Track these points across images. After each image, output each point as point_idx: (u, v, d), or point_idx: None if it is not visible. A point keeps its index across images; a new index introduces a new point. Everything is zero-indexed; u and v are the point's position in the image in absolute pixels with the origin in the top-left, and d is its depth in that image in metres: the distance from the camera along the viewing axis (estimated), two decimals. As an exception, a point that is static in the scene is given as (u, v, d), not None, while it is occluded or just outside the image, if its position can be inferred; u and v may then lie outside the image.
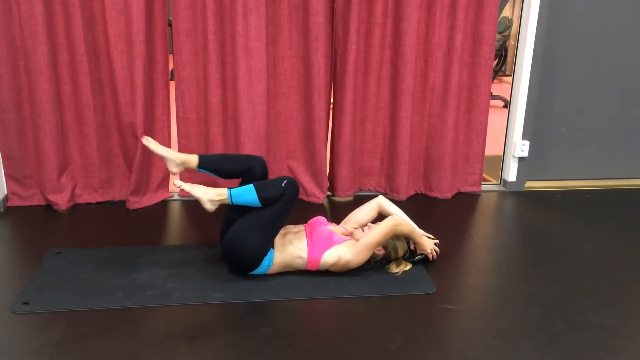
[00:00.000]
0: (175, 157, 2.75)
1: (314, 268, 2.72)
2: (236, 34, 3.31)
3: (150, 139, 2.80)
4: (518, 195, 3.95)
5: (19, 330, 2.28)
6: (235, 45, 3.34)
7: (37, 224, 3.27)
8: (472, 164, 3.89)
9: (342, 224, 3.01)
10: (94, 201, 3.58)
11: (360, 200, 3.27)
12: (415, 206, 3.69)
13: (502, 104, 6.64)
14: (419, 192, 3.93)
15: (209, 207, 2.63)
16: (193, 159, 2.76)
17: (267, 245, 2.63)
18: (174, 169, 2.77)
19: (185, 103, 3.51)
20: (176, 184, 2.66)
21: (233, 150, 3.57)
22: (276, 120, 3.64)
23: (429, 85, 3.67)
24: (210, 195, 2.62)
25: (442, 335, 2.32)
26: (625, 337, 2.34)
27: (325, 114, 3.62)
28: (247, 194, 2.59)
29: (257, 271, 2.68)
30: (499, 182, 4.13)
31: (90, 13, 3.26)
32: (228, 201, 2.61)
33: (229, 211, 2.76)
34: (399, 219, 2.77)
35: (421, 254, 2.88)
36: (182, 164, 2.76)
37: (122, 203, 3.58)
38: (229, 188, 2.63)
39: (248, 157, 2.83)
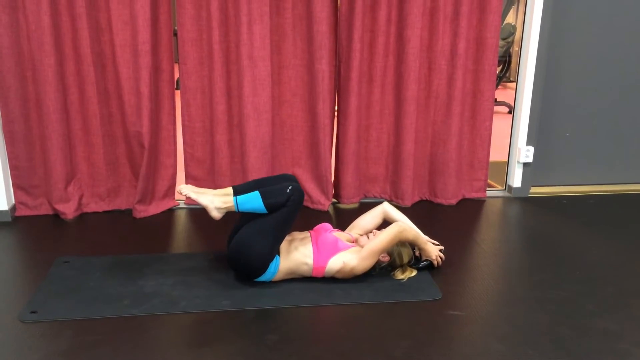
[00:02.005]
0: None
1: (319, 275, 2.73)
2: (241, 43, 3.34)
3: (186, 186, 2.69)
4: (523, 201, 3.95)
5: (27, 338, 2.29)
6: (240, 54, 3.37)
7: (44, 233, 3.30)
8: (477, 170, 3.90)
9: (347, 230, 3.02)
10: (100, 210, 3.60)
11: (365, 207, 3.28)
12: (420, 212, 3.70)
13: (507, 109, 6.65)
14: (424, 198, 3.94)
15: (216, 214, 2.64)
16: (230, 197, 2.67)
17: (273, 251, 2.65)
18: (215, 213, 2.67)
19: (190, 112, 3.53)
20: (182, 192, 2.67)
21: (238, 159, 3.59)
22: (281, 128, 3.66)
23: (433, 92, 3.69)
24: (216, 203, 2.63)
25: (447, 341, 2.32)
26: (631, 342, 2.33)
27: (330, 121, 3.63)
28: (253, 200, 2.60)
29: (263, 278, 2.69)
30: (503, 188, 4.13)
31: (96, 24, 3.29)
32: (234, 209, 2.63)
33: (239, 220, 2.77)
34: (404, 226, 2.77)
35: (426, 260, 2.88)
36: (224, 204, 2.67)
37: (129, 212, 3.60)
38: (235, 195, 2.65)
39: (280, 177, 2.83)
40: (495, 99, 3.82)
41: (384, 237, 2.71)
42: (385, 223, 3.01)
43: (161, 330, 2.36)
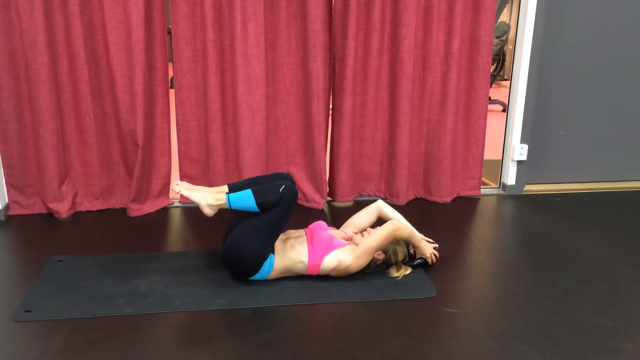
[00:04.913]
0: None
1: (314, 273, 2.73)
2: (235, 41, 3.34)
3: (180, 183, 2.72)
4: (517, 199, 3.96)
5: (22, 338, 2.29)
6: (234, 53, 3.36)
7: (38, 232, 3.29)
8: (472, 168, 3.90)
9: (341, 228, 3.02)
10: (95, 209, 3.59)
11: (360, 206, 3.28)
12: (415, 210, 3.70)
13: (501, 108, 6.66)
14: (419, 196, 3.94)
15: (208, 212, 2.64)
16: (223, 195, 2.69)
17: (267, 250, 2.64)
18: (207, 210, 2.70)
19: (185, 110, 3.53)
20: (175, 189, 2.67)
21: (233, 157, 3.59)
22: (276, 127, 3.66)
23: (427, 90, 3.69)
24: (209, 200, 2.63)
25: (442, 338, 2.33)
26: (625, 338, 2.35)
27: (325, 119, 3.63)
28: (245, 199, 2.60)
29: (257, 276, 2.69)
30: (498, 186, 4.14)
31: (90, 22, 3.28)
32: (226, 206, 2.62)
33: (234, 217, 2.77)
34: (398, 224, 2.78)
35: (421, 258, 2.89)
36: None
37: (123, 210, 3.59)
38: (227, 193, 2.65)
39: (275, 176, 2.84)
40: (490, 97, 3.84)
41: (379, 235, 2.72)
42: (380, 221, 3.01)
43: (156, 329, 2.35)
